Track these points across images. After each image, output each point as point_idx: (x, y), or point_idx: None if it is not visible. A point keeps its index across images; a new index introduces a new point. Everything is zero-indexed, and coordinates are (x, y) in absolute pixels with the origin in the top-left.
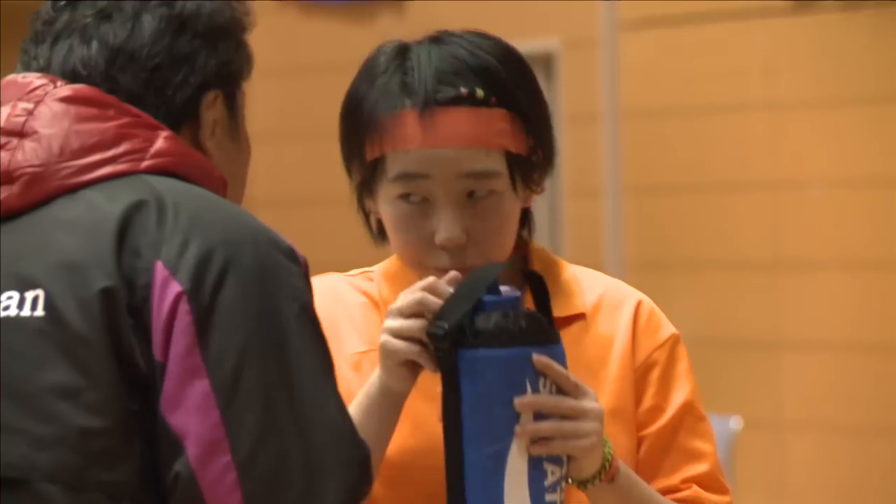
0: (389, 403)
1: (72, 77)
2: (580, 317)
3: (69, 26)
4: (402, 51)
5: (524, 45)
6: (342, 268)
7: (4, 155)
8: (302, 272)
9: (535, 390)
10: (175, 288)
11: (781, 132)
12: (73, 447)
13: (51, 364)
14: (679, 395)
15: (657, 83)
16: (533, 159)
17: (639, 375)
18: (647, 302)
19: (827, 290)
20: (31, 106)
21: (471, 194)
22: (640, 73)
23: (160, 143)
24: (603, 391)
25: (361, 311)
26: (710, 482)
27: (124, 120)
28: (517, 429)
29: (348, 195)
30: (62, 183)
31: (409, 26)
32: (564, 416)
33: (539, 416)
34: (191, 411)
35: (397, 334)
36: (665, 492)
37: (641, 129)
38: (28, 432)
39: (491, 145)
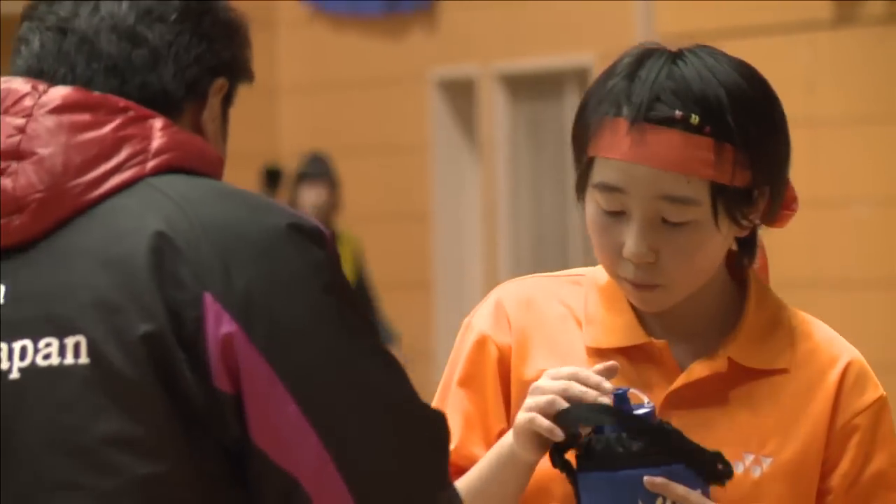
0: (515, 468)
1: (96, 29)
2: (782, 371)
3: None
4: (644, 58)
5: (559, 59)
6: (376, 286)
7: (6, 181)
8: (329, 253)
9: None
10: (230, 324)
11: (822, 148)
12: (141, 497)
13: (104, 414)
14: (875, 464)
15: None
16: (754, 194)
17: (838, 438)
18: (859, 361)
19: (866, 309)
20: (21, 122)
21: (665, 219)
22: None
23: (158, 139)
24: (786, 447)
25: (557, 326)
26: None
27: (118, 120)
28: None
29: (379, 212)
30: (74, 203)
31: (440, 41)
32: None
33: None
34: (291, 443)
35: (531, 421)
36: None
37: None
38: (92, 487)
39: (694, 172)
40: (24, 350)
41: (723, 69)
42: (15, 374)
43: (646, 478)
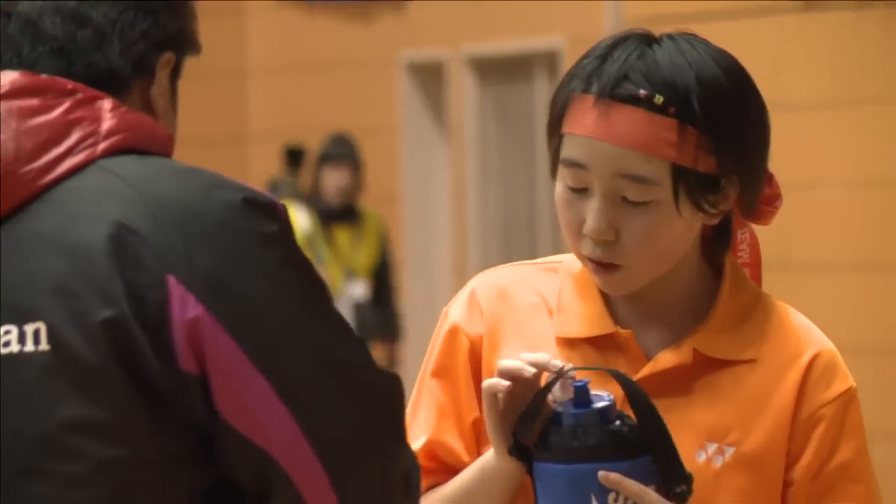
0: (497, 478)
1: (39, 12)
2: (749, 362)
3: None
4: (621, 40)
5: (528, 43)
6: None
7: None
8: (284, 225)
9: None
10: (195, 307)
11: (790, 132)
12: (107, 480)
13: (65, 399)
14: (840, 456)
15: None
16: (721, 182)
17: (802, 430)
18: (828, 352)
19: (835, 291)
20: None
21: (625, 198)
22: None
23: (108, 120)
24: (749, 437)
25: (528, 315)
26: None
27: (66, 103)
28: None
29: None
30: (27, 189)
31: (409, 27)
32: None
33: None
34: (262, 418)
35: (490, 385)
36: None
37: None
38: (57, 472)
39: (655, 152)
40: None
41: (698, 56)
42: None
43: (600, 473)
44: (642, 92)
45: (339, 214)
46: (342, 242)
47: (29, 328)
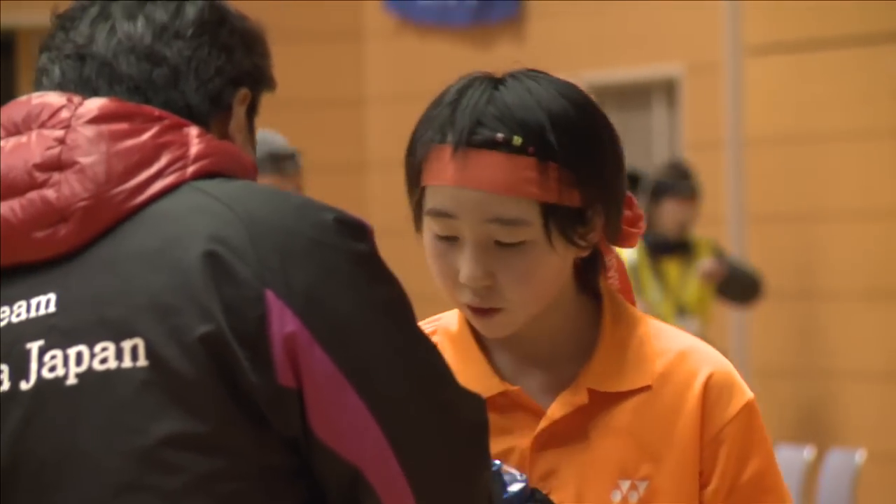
0: None
1: (114, 53)
2: (645, 389)
3: (106, 10)
4: (469, 86)
5: (646, 70)
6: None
7: (50, 192)
8: (372, 245)
9: None
10: (293, 321)
11: None
12: (206, 494)
13: (164, 414)
14: (750, 469)
15: (782, 109)
16: (587, 214)
17: (707, 453)
18: (722, 370)
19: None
20: (60, 133)
21: (498, 241)
22: (764, 100)
23: (196, 145)
24: (660, 468)
25: None
26: None
27: (154, 128)
28: None
29: None
30: (118, 210)
31: (528, 51)
32: None
33: None
34: (352, 433)
35: None
36: None
37: (766, 156)
38: (156, 487)
39: (520, 193)
40: (79, 355)
41: (545, 92)
42: (72, 380)
43: None
44: (499, 135)
45: (672, 247)
46: (672, 276)
47: (126, 344)
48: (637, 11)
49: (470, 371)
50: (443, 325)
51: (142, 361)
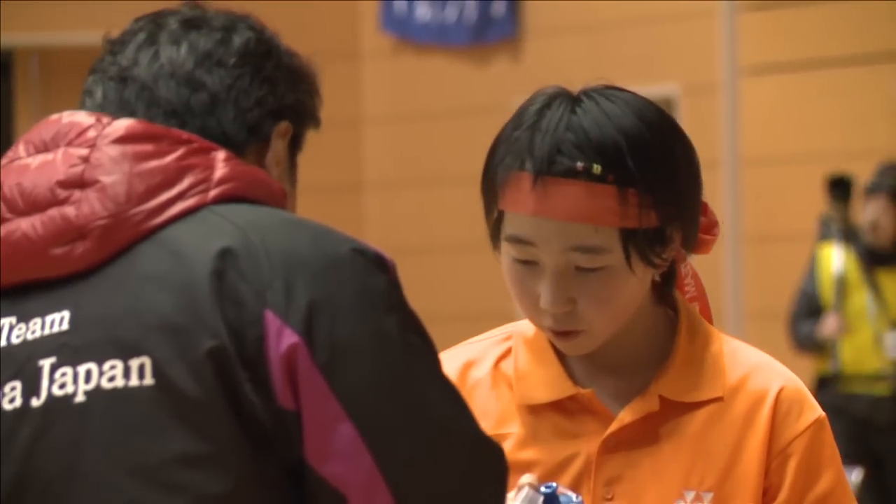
0: None
1: (155, 77)
2: (716, 400)
3: (154, 35)
4: (547, 106)
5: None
6: (456, 316)
7: (70, 210)
8: (391, 278)
9: None
10: (291, 337)
11: None
12: None
13: (170, 433)
14: (820, 486)
15: (778, 130)
16: (666, 233)
17: (774, 467)
18: (792, 386)
19: None
20: (85, 152)
21: (578, 266)
22: (761, 120)
23: (220, 168)
24: (726, 480)
25: (489, 391)
26: None
27: (180, 151)
28: None
29: (463, 242)
30: (136, 230)
31: (524, 71)
32: None
33: None
34: (342, 460)
35: None
36: None
37: (762, 175)
38: None
39: (601, 222)
40: (88, 373)
41: (621, 114)
42: (80, 398)
43: None
44: (579, 164)
45: (888, 257)
46: (889, 289)
47: (134, 363)
48: (634, 32)
49: (544, 374)
50: (519, 330)
51: (148, 380)
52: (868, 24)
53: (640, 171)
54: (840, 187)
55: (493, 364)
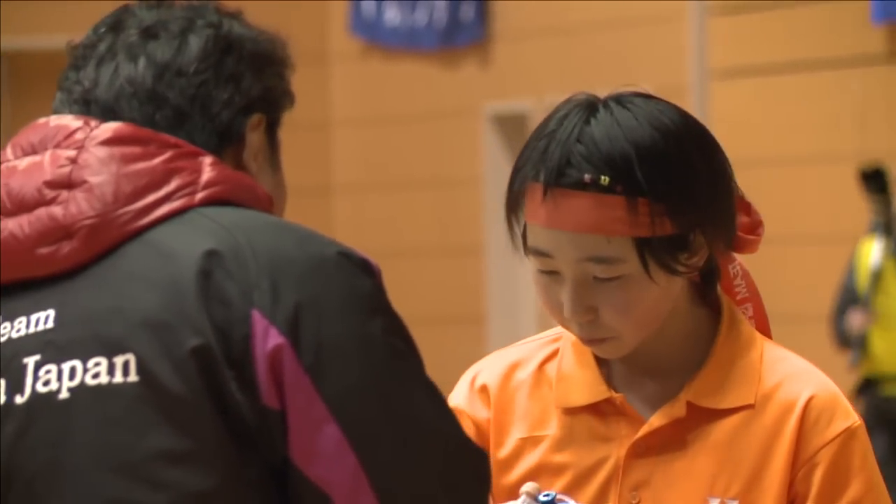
0: None
1: (116, 97)
2: (747, 407)
3: (113, 48)
4: (567, 115)
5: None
6: (425, 320)
7: (57, 209)
8: (377, 282)
9: None
10: (277, 338)
11: None
12: None
13: (154, 430)
14: (849, 495)
15: (747, 133)
16: (689, 238)
17: (801, 476)
18: (825, 394)
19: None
20: (73, 153)
21: (596, 277)
22: (730, 123)
23: (207, 172)
24: (751, 488)
25: (531, 392)
26: None
27: (168, 154)
28: None
29: (432, 246)
30: (123, 230)
31: (493, 75)
32: None
33: None
34: (327, 461)
35: None
36: None
37: None
38: (142, 503)
39: (611, 233)
40: (73, 370)
41: (635, 122)
42: (64, 394)
43: None
44: (587, 176)
45: None
46: None
47: (118, 360)
48: (603, 35)
49: (582, 376)
50: (567, 333)
51: (132, 377)
52: (836, 28)
53: (650, 180)
54: (874, 179)
55: (538, 366)
